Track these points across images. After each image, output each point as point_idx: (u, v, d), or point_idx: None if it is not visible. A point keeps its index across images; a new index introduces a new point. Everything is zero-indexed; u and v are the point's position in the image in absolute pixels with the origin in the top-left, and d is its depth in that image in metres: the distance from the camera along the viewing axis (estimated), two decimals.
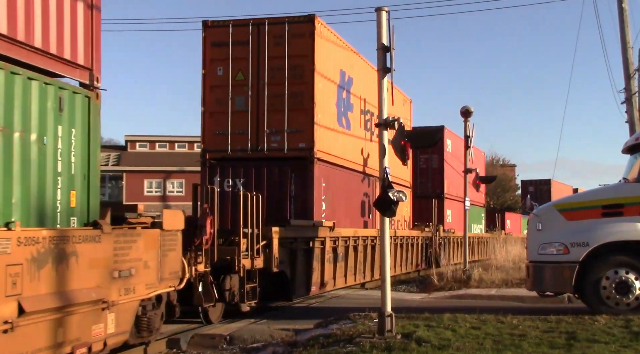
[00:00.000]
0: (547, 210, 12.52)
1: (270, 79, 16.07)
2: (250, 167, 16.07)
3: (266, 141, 16.06)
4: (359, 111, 19.49)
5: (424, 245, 25.82)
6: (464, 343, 8.33)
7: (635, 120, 21.62)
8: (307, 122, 15.92)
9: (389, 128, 9.44)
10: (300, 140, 15.95)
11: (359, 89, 19.38)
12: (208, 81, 16.37)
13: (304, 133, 15.92)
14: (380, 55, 9.13)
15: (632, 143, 12.49)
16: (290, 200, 15.89)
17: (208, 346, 10.27)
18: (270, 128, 16.05)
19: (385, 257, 9.10)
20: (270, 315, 12.92)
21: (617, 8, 21.91)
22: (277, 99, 16.04)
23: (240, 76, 16.22)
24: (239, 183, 16.11)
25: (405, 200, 8.94)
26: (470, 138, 22.54)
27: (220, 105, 16.25)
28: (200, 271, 10.28)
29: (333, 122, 17.27)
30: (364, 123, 19.91)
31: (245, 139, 16.14)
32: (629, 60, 21.62)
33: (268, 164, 15.98)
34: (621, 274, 11.25)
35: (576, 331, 9.17)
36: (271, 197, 15.86)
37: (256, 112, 16.15)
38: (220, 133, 16.26)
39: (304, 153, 15.85)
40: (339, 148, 17.60)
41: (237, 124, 16.17)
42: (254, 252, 12.04)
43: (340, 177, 17.89)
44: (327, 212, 16.83)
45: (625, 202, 11.52)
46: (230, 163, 16.17)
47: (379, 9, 9.20)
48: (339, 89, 17.70)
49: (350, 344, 8.46)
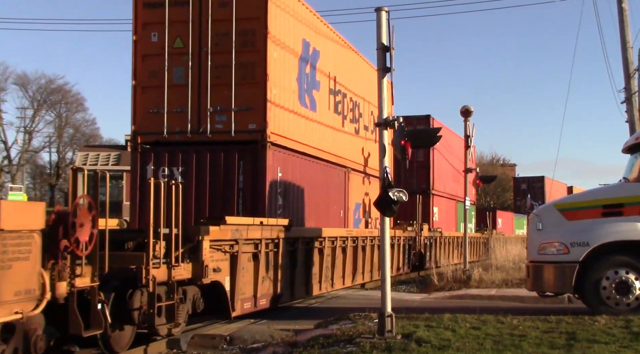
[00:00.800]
0: (547, 210, 12.45)
1: (214, 47, 13.35)
2: (190, 153, 13.41)
3: (209, 121, 13.36)
4: (327, 90, 16.79)
5: (407, 246, 22.90)
6: (464, 343, 8.34)
7: (635, 120, 21.64)
8: (258, 98, 13.23)
9: (389, 128, 9.35)
10: (250, 120, 13.23)
11: (328, 65, 16.65)
12: (140, 49, 13.63)
13: (255, 112, 13.22)
14: (380, 55, 9.10)
15: (632, 143, 12.44)
16: (238, 193, 13.25)
17: (208, 347, 10.20)
18: (215, 106, 13.38)
19: (385, 257, 9.07)
20: (270, 315, 12.48)
21: (617, 8, 21.91)
22: (222, 71, 13.30)
23: (179, 43, 13.46)
24: (176, 172, 13.39)
25: (405, 200, 8.92)
26: (470, 138, 22.16)
27: (155, 78, 13.52)
28: (81, 286, 7.44)
29: (293, 100, 14.52)
30: (334, 105, 17.20)
31: (184, 119, 13.38)
32: (629, 60, 21.64)
33: (212, 149, 13.36)
34: (621, 274, 11.19)
35: (576, 331, 9.13)
36: (215, 190, 13.39)
37: (198, 86, 13.41)
38: (155, 112, 13.50)
39: (255, 136, 13.19)
40: (300, 132, 14.89)
41: (174, 100, 13.44)
42: (172, 259, 9.21)
43: (303, 168, 15.18)
44: (285, 208, 14.10)
45: (626, 202, 11.46)
46: (167, 148, 13.47)
47: (379, 9, 9.15)
48: (300, 63, 14.93)
49: (350, 344, 8.47)
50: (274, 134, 13.39)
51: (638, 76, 22.29)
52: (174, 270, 9.31)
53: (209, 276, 10.18)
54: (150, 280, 8.70)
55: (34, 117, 65.58)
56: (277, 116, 13.65)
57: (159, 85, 13.41)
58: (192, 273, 9.87)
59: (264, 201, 13.10)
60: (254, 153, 13.15)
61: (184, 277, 9.70)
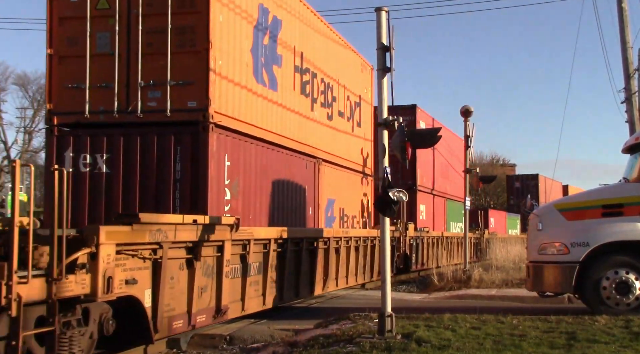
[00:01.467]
0: (547, 210, 12.49)
1: (146, 8, 11.01)
2: (117, 137, 11.11)
3: (140, 98, 11.01)
4: (292, 67, 14.43)
5: (391, 247, 20.45)
6: (464, 343, 8.37)
7: (635, 120, 21.74)
8: (199, 70, 10.90)
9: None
10: (189, 97, 10.92)
11: (292, 38, 14.31)
12: (56, 10, 11.29)
13: (195, 87, 10.90)
14: (380, 55, 9.12)
15: (632, 143, 12.45)
16: (174, 185, 10.91)
17: (208, 346, 10.16)
18: (147, 80, 11.03)
19: (386, 257, 9.12)
20: (270, 315, 12.27)
21: (617, 8, 22.02)
22: (156, 37, 10.97)
23: (104, 3, 11.14)
24: (100, 160, 11.11)
25: (406, 200, 8.94)
26: (470, 138, 22.08)
27: (74, 46, 11.17)
28: None
29: (246, 75, 12.18)
30: (300, 85, 14.84)
31: (110, 96, 11.05)
32: (629, 60, 21.76)
33: (143, 132, 11.07)
34: (621, 274, 11.23)
35: (576, 331, 9.18)
36: (147, 182, 11.03)
37: (126, 56, 11.09)
38: (74, 87, 11.17)
39: (195, 116, 10.86)
40: (256, 113, 12.55)
41: (98, 73, 11.09)
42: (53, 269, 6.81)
43: (260, 156, 12.84)
44: (235, 203, 11.77)
45: (626, 202, 11.50)
46: (89, 131, 11.16)
47: (379, 9, 9.13)
48: (257, 32, 12.56)
49: (350, 344, 8.50)
50: (219, 113, 11.07)
51: (638, 76, 22.55)
52: (57, 285, 6.91)
53: (115, 290, 7.78)
54: (13, 300, 6.31)
55: (34, 117, 63.47)
56: (225, 92, 11.33)
57: (79, 55, 11.07)
58: (90, 288, 7.47)
59: (206, 195, 10.77)
60: (194, 137, 10.86)
61: (78, 293, 7.27)
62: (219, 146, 11.10)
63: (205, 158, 10.78)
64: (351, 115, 18.67)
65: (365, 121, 19.99)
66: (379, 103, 9.25)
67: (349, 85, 18.34)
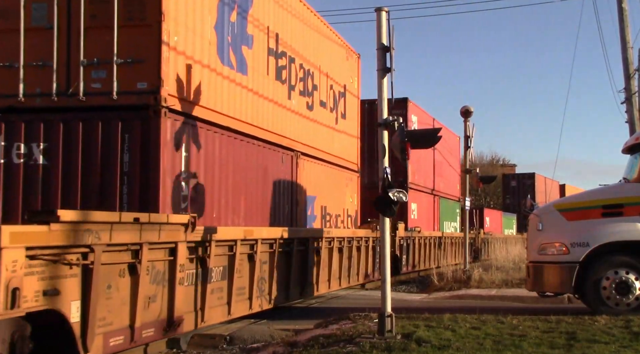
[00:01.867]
0: (547, 210, 12.52)
1: None
2: (55, 124, 9.73)
3: (83, 78, 9.62)
4: (265, 49, 13.04)
5: (378, 248, 18.96)
6: (464, 343, 8.33)
7: (635, 120, 21.75)
8: (151, 46, 9.50)
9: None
10: (139, 77, 9.52)
11: (266, 16, 12.93)
12: None
13: (146, 65, 9.50)
14: (380, 56, 9.07)
15: (632, 143, 12.52)
16: (122, 179, 9.52)
17: (208, 346, 10.17)
18: (90, 57, 9.66)
19: (386, 257, 8.96)
20: (270, 315, 12.15)
21: (617, 8, 22.05)
22: (101, 8, 9.62)
23: None
24: (37, 150, 9.73)
25: (405, 200, 8.90)
26: (470, 138, 21.98)
27: (6, 19, 9.85)
28: None
29: (209, 55, 10.82)
30: (275, 70, 13.46)
31: (48, 77, 9.70)
32: (629, 60, 21.76)
33: (86, 117, 9.70)
34: (621, 274, 11.25)
35: (576, 331, 9.13)
36: (90, 175, 9.58)
37: (67, 30, 9.73)
38: (6, 66, 9.85)
39: (146, 99, 9.47)
40: (221, 99, 11.21)
41: (34, 50, 9.76)
42: None
43: (226, 147, 11.48)
44: (195, 200, 10.39)
45: (626, 203, 11.52)
46: (23, 117, 9.79)
47: (379, 9, 9.07)
48: (222, 6, 11.18)
49: (350, 344, 8.46)
50: (174, 97, 9.70)
51: (638, 76, 22.46)
52: None
53: (28, 303, 6.35)
54: None
55: None
56: (182, 73, 9.97)
57: (11, 29, 9.73)
58: None
59: (157, 189, 9.37)
60: (145, 123, 9.48)
61: None
62: (174, 134, 9.71)
63: (157, 147, 9.39)
64: (335, 106, 17.38)
65: (351, 113, 18.85)
66: (379, 103, 9.16)
67: (332, 74, 17.06)
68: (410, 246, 22.07)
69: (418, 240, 23.13)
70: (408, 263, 21.81)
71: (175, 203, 9.75)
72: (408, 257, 21.77)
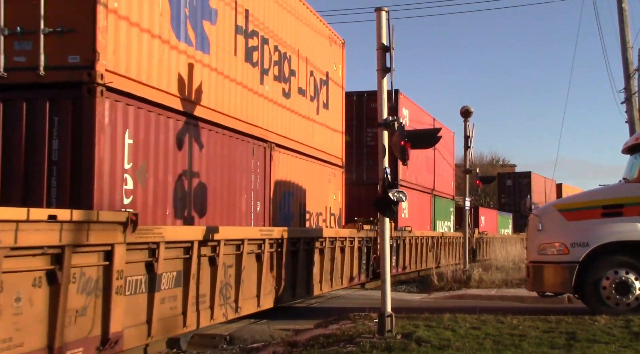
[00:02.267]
0: (547, 210, 12.66)
1: None
2: None
3: (4, 51, 8.14)
4: (233, 27, 11.50)
5: (365, 249, 17.56)
6: (464, 343, 8.37)
7: (635, 120, 21.78)
8: (84, 12, 7.96)
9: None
10: (70, 49, 8.02)
11: None
12: None
13: (79, 35, 8.02)
14: (380, 55, 9.11)
15: (632, 143, 12.63)
16: (50, 168, 8.06)
17: (208, 346, 10.21)
18: (12, 26, 8.16)
19: (385, 257, 9.01)
20: (270, 315, 12.17)
21: (617, 8, 22.10)
22: None
23: None
24: None
25: (405, 200, 8.97)
26: (470, 138, 21.94)
27: None
28: None
29: (160, 27, 9.28)
30: (244, 50, 11.92)
31: None
32: (629, 60, 21.80)
33: (8, 97, 8.13)
34: (621, 274, 11.32)
35: (576, 331, 9.18)
36: (12, 163, 8.09)
37: None
38: None
39: (78, 75, 7.93)
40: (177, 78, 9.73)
41: None
42: None
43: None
44: (141, 195, 8.89)
45: (625, 203, 11.60)
46: None
47: (379, 9, 9.09)
48: None
49: (350, 344, 8.49)
50: (114, 73, 8.18)
51: (638, 76, 22.50)
52: None
53: None
54: None
55: None
56: (125, 46, 8.44)
57: None
58: None
59: (91, 181, 7.90)
60: (77, 103, 7.96)
61: None
62: (113, 117, 8.24)
63: (91, 132, 7.87)
64: (315, 94, 15.75)
65: (335, 104, 17.26)
66: (379, 103, 9.16)
67: (312, 59, 15.43)
68: (400, 247, 20.87)
69: (409, 240, 21.94)
70: (398, 265, 20.57)
71: (114, 198, 8.25)
72: (398, 259, 20.52)
